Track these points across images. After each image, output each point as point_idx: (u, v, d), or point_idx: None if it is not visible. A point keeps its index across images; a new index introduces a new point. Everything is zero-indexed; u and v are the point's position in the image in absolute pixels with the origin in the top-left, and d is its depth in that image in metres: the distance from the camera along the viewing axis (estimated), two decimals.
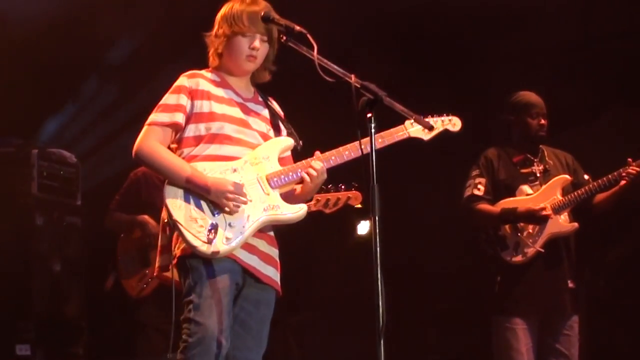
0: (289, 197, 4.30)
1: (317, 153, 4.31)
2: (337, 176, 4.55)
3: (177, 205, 4.10)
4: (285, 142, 4.39)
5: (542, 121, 5.95)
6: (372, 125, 3.74)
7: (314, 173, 4.23)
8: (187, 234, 4.04)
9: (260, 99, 4.49)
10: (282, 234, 4.37)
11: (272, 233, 4.34)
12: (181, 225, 4.05)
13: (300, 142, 4.43)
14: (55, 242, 7.19)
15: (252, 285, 4.22)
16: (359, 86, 3.81)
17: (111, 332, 7.61)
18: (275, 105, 4.55)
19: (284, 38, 4.16)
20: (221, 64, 4.37)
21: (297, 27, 4.10)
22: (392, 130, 4.37)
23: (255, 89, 4.51)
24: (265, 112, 4.45)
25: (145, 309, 6.23)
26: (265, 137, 4.36)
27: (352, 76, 3.86)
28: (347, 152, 4.29)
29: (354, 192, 5.50)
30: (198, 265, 4.08)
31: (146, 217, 6.23)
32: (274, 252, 4.34)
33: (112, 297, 6.64)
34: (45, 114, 7.86)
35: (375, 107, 3.76)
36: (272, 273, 4.29)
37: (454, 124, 4.60)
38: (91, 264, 7.31)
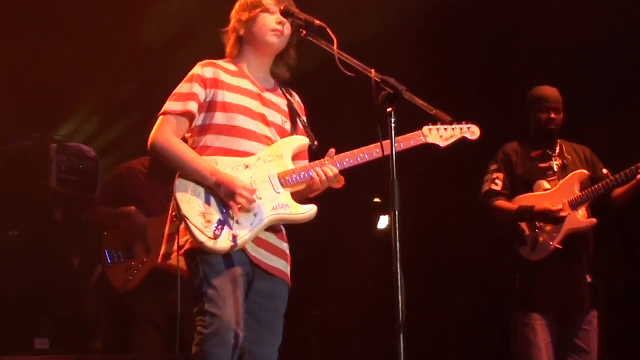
0: (300, 193, 4.28)
1: (332, 151, 4.28)
2: (355, 172, 4.52)
3: (186, 199, 4.08)
4: (300, 141, 4.35)
5: (553, 115, 5.95)
6: (393, 120, 3.72)
7: (323, 177, 4.20)
8: (194, 228, 4.02)
9: (279, 90, 4.45)
10: (303, 228, 4.35)
11: (282, 229, 4.31)
12: (189, 219, 4.04)
13: (316, 141, 4.40)
14: (74, 237, 7.21)
15: (263, 278, 4.20)
16: (379, 80, 3.77)
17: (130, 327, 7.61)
18: (296, 99, 4.52)
19: (304, 32, 4.15)
20: (242, 51, 4.36)
21: (317, 22, 4.08)
22: (409, 135, 4.33)
23: (276, 81, 4.47)
24: (284, 104, 4.42)
25: (140, 301, 6.18)
26: (281, 130, 4.34)
27: (372, 71, 3.82)
28: (362, 154, 4.26)
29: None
30: (209, 257, 4.06)
31: (132, 207, 6.22)
32: (284, 246, 4.32)
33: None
34: (65, 109, 7.87)
35: (395, 102, 3.73)
36: (282, 266, 4.27)
37: (472, 132, 4.53)
38: None
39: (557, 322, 5.80)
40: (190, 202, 4.08)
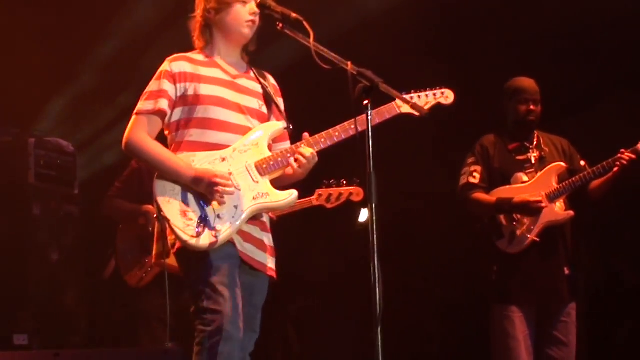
0: (281, 180, 4.28)
1: (306, 135, 4.29)
2: (338, 169, 4.53)
3: (166, 200, 4.09)
4: (274, 126, 4.34)
5: (532, 107, 5.95)
6: (370, 112, 3.74)
7: (302, 160, 4.21)
8: (176, 229, 4.03)
9: (252, 74, 4.44)
10: (283, 221, 4.37)
11: (265, 219, 4.31)
12: (170, 220, 4.06)
13: (290, 125, 4.40)
14: (53, 231, 7.19)
15: (246, 272, 4.19)
16: (355, 73, 3.79)
17: (110, 321, 7.61)
18: (270, 81, 4.51)
19: (280, 25, 4.12)
20: (212, 39, 4.35)
21: (294, 14, 4.08)
22: (382, 108, 4.33)
23: (248, 65, 4.46)
24: (258, 88, 4.40)
25: (148, 298, 6.22)
26: (259, 114, 4.33)
27: (349, 63, 3.83)
28: (337, 133, 4.26)
29: (355, 187, 5.52)
30: (200, 254, 4.06)
31: (151, 207, 6.19)
32: (267, 237, 4.32)
33: (111, 285, 6.64)
34: (43, 103, 7.85)
35: (372, 94, 3.76)
36: (265, 259, 4.27)
37: (446, 96, 4.57)
38: (89, 253, 7.32)
39: (535, 315, 5.82)
40: (170, 203, 4.09)
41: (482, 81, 7.22)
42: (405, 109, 4.33)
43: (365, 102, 3.75)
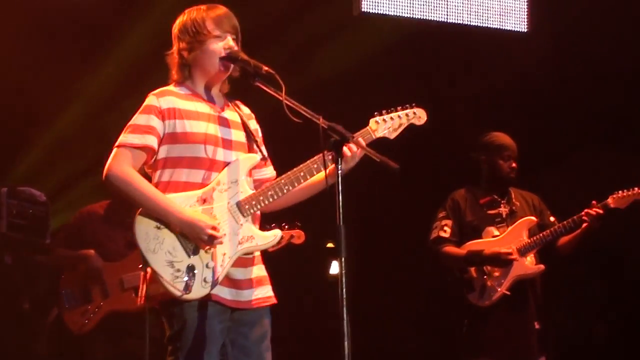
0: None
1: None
2: (281, 213, 4.53)
3: (150, 249, 3.95)
4: (249, 160, 4.19)
5: (514, 164, 6.04)
6: (340, 166, 3.77)
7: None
8: (165, 283, 3.92)
9: (231, 106, 4.32)
10: None
11: (252, 254, 4.18)
12: (158, 273, 3.93)
13: (264, 153, 4.30)
14: (25, 281, 7.19)
15: (246, 313, 4.12)
16: (326, 127, 3.82)
17: None
18: (244, 111, 4.38)
19: (253, 80, 4.08)
20: (191, 74, 4.20)
21: (265, 68, 4.04)
22: (357, 133, 4.19)
23: (225, 97, 4.33)
24: (238, 119, 4.27)
25: (90, 343, 6.22)
26: (242, 147, 4.19)
27: (320, 117, 3.85)
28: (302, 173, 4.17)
29: (297, 231, 5.58)
30: (180, 311, 3.99)
31: (92, 251, 6.26)
32: (259, 270, 4.21)
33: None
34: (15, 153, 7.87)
35: (342, 148, 3.83)
36: (262, 292, 4.18)
37: (419, 117, 4.41)
38: None
39: None
40: (156, 252, 3.95)
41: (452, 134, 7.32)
42: (380, 132, 4.28)
43: (335, 155, 3.78)
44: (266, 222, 4.61)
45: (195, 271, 3.95)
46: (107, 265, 6.20)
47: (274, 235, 4.16)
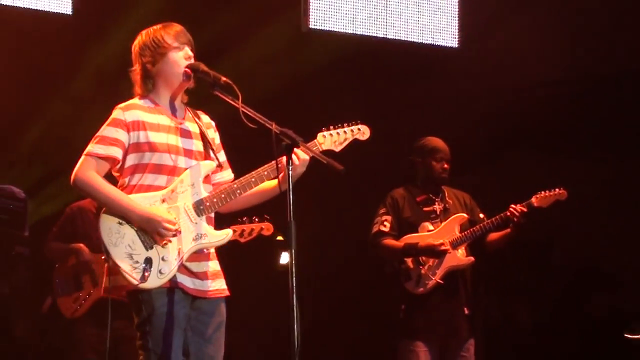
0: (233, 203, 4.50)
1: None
2: (253, 208, 4.90)
3: (112, 242, 4.25)
4: (207, 166, 4.46)
5: (446, 165, 6.37)
6: (290, 167, 4.08)
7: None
8: (124, 273, 4.21)
9: (190, 116, 4.55)
10: None
11: (206, 250, 4.45)
12: (118, 264, 4.22)
13: (220, 160, 4.55)
14: (3, 269, 7.63)
15: (204, 301, 4.42)
16: (278, 132, 4.06)
17: (54, 351, 7.88)
18: (204, 120, 4.62)
19: (212, 90, 4.35)
20: (154, 87, 4.45)
21: (224, 78, 4.29)
22: (307, 144, 4.41)
23: (185, 107, 4.58)
24: (197, 129, 4.52)
25: (81, 327, 6.68)
26: (201, 155, 4.48)
27: (273, 123, 4.09)
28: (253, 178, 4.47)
29: (266, 223, 5.99)
30: (149, 298, 4.25)
31: (81, 245, 6.72)
32: (214, 265, 4.47)
33: (54, 317, 7.03)
34: None
35: (292, 151, 4.14)
36: (218, 285, 4.46)
37: (363, 132, 4.67)
38: (39, 289, 7.68)
39: (438, 350, 6.23)
40: (117, 245, 4.25)
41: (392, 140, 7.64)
42: (326, 145, 4.55)
43: (287, 158, 4.07)
44: (235, 217, 4.99)
45: (152, 263, 4.25)
46: (95, 257, 6.59)
47: (225, 234, 4.46)
